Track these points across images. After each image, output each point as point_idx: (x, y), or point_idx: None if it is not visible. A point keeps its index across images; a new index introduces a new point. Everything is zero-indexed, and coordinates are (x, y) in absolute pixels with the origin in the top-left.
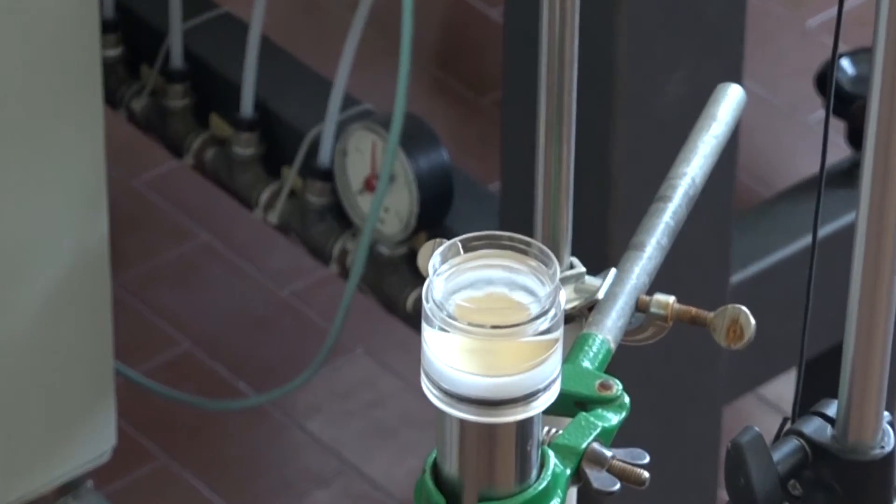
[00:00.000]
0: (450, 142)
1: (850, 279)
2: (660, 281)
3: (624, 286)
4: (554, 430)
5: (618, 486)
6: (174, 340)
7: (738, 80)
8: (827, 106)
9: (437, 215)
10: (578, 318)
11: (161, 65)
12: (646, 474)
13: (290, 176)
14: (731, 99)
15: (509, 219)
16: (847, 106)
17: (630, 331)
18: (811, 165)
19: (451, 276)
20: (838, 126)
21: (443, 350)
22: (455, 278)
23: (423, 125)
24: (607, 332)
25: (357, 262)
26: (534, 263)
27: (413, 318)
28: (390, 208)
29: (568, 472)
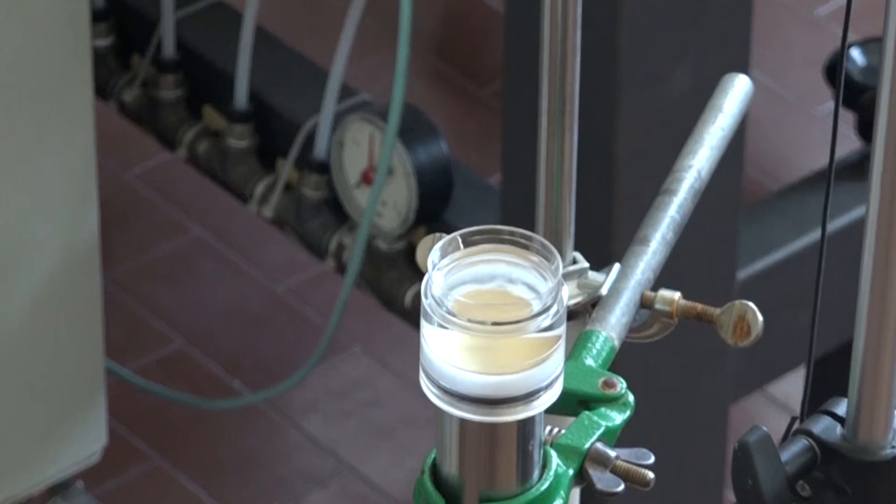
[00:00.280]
0: (449, 134)
1: (860, 274)
2: (665, 276)
3: (628, 282)
4: (556, 430)
5: (622, 487)
6: (166, 338)
7: (744, 71)
8: (836, 97)
9: (436, 209)
10: (581, 315)
11: (153, 55)
12: (650, 475)
13: (286, 169)
14: (737, 90)
15: (510, 212)
16: (857, 97)
17: (634, 328)
18: (820, 158)
19: (450, 272)
20: (848, 117)
21: (442, 347)
22: (455, 273)
23: (422, 116)
24: (611, 329)
25: (354, 257)
26: (535, 258)
27: (412, 315)
28: (388, 202)
29: (571, 472)
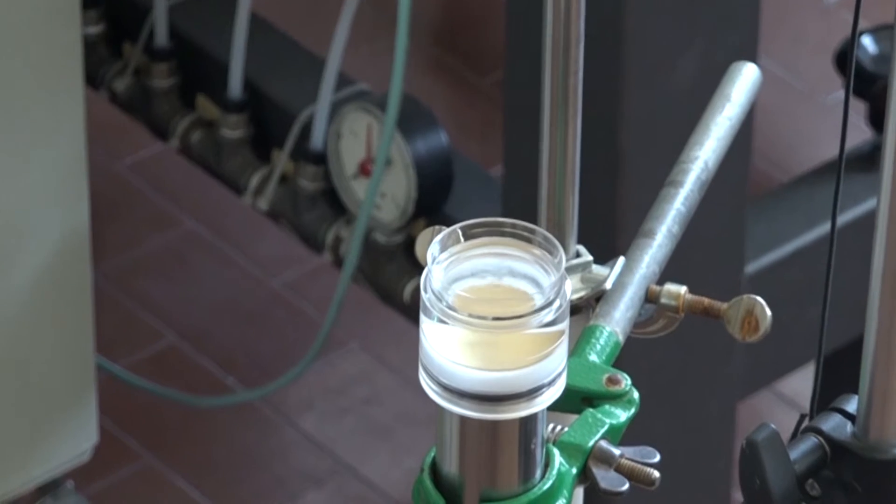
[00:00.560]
0: (449, 124)
1: (872, 268)
2: (670, 270)
3: (633, 276)
4: (559, 428)
5: (626, 487)
6: (159, 333)
7: (753, 59)
8: (847, 86)
9: (436, 201)
10: (585, 310)
11: (145, 42)
12: (656, 474)
13: (281, 160)
14: (745, 78)
15: (512, 205)
16: (868, 86)
17: (639, 323)
18: (830, 148)
19: (450, 265)
20: (859, 107)
21: (442, 343)
22: (455, 267)
23: (422, 106)
24: (615, 324)
25: (352, 250)
26: (538, 252)
27: (411, 310)
28: (387, 194)
29: (574, 471)
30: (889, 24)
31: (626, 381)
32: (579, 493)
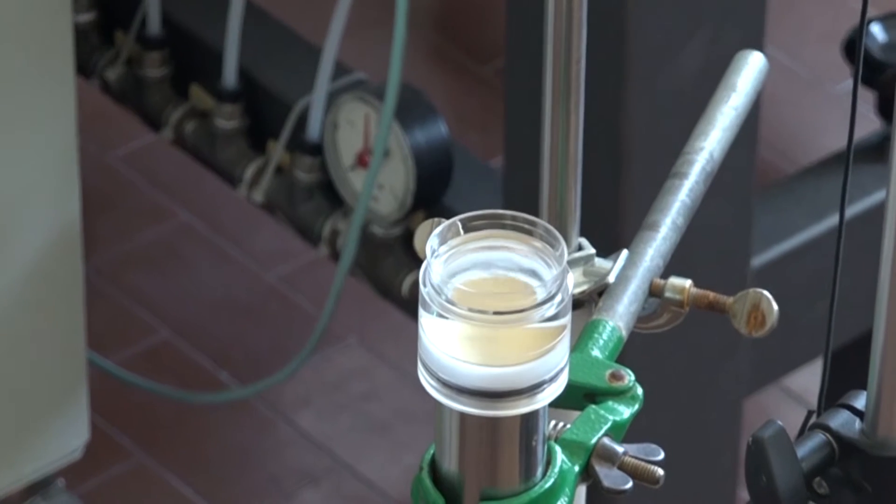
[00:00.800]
0: (449, 114)
1: (881, 261)
2: (675, 263)
3: (636, 269)
4: (561, 425)
5: (630, 485)
6: (152, 328)
7: (759, 47)
8: (855, 75)
9: (435, 193)
10: (587, 304)
11: (137, 30)
12: (660, 472)
13: (277, 151)
14: (751, 67)
15: (513, 196)
16: (877, 75)
17: (643, 317)
18: (838, 139)
19: (450, 259)
20: (867, 96)
21: (441, 338)
22: (454, 260)
23: (421, 96)
24: (619, 318)
25: (349, 243)
26: (539, 244)
27: (409, 304)
28: (385, 185)
29: (576, 469)
30: None
31: (629, 377)
32: (581, 491)
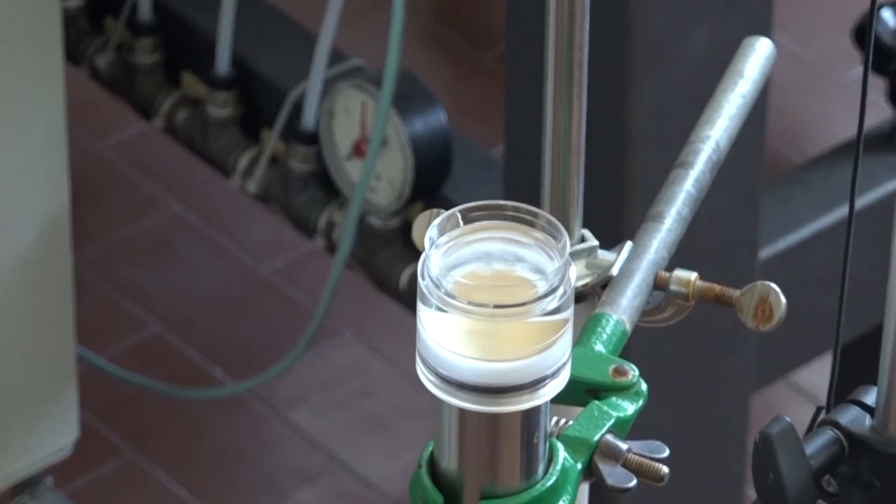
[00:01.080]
0: (448, 102)
1: (891, 253)
2: (680, 255)
3: (641, 261)
4: (563, 421)
5: (634, 483)
6: (142, 322)
7: (767, 34)
8: (865, 62)
9: (433, 183)
10: (590, 297)
11: (128, 16)
12: (665, 469)
13: (271, 140)
14: (759, 54)
15: (514, 187)
16: (888, 62)
17: (647, 310)
18: (848, 127)
19: (449, 251)
20: (878, 84)
21: (440, 332)
22: (454, 253)
23: (419, 83)
24: (622, 311)
25: (345, 235)
26: (541, 236)
27: (407, 297)
28: (382, 175)
29: (579, 466)
30: None
31: (633, 372)
32: (584, 489)
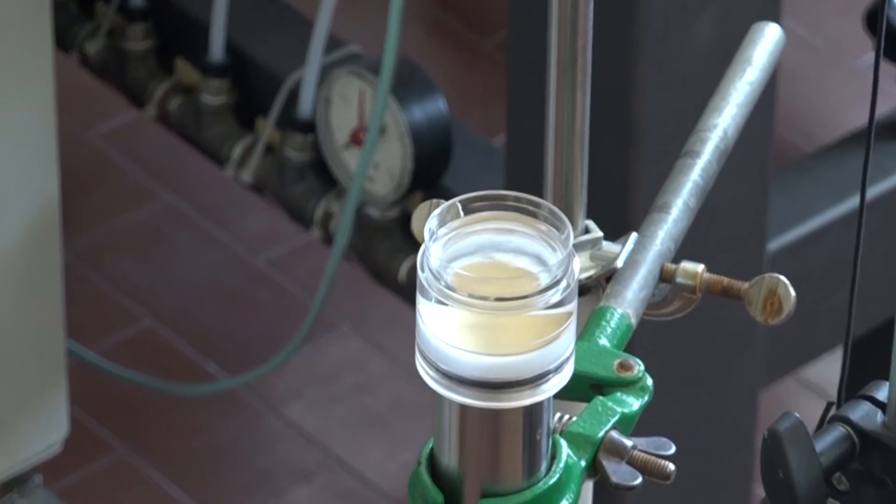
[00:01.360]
0: (448, 89)
1: None
2: (687, 247)
3: (646, 253)
4: (567, 417)
5: (639, 481)
6: (134, 316)
7: (776, 19)
8: (877, 48)
9: (433, 173)
10: (595, 290)
11: (119, 1)
12: (671, 467)
13: (267, 128)
14: (768, 40)
15: (516, 176)
16: None
17: (653, 304)
18: (859, 115)
19: (449, 242)
20: (890, 71)
21: (440, 326)
22: (454, 244)
23: (418, 70)
24: (627, 305)
25: (343, 226)
26: (544, 227)
27: (407, 290)
28: (380, 165)
29: (583, 464)
30: None
31: (638, 367)
32: (588, 487)
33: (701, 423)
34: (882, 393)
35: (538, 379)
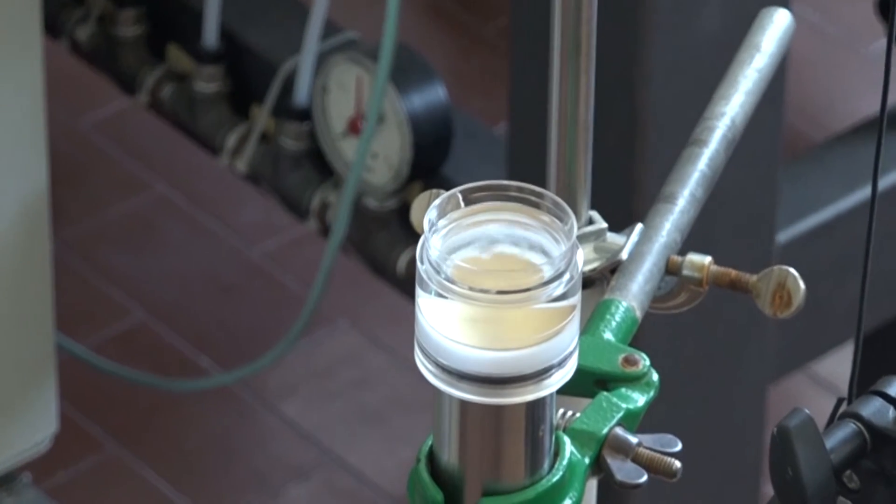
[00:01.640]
0: (448, 77)
1: None
2: (694, 239)
3: (652, 245)
4: (570, 413)
5: (645, 478)
6: (125, 310)
7: (785, 4)
8: (889, 34)
9: (433, 162)
10: (599, 282)
11: None
12: (677, 464)
13: (261, 117)
14: (777, 26)
15: (518, 166)
16: None
17: (659, 297)
18: (871, 103)
19: (449, 233)
20: None
21: (440, 319)
22: (454, 235)
23: (417, 57)
24: (633, 298)
25: (340, 217)
26: (546, 218)
27: (405, 283)
28: (379, 154)
29: (586, 461)
30: None
31: (644, 362)
32: (592, 485)
33: (708, 419)
34: (894, 388)
35: (541, 374)
